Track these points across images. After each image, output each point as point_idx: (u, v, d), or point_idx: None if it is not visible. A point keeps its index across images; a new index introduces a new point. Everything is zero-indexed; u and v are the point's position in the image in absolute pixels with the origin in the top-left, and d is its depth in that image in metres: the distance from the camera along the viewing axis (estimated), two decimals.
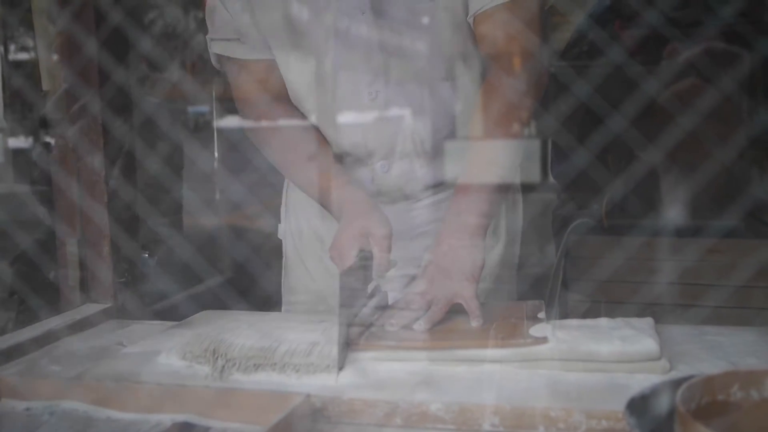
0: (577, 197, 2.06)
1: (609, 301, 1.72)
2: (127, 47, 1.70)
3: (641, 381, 1.02)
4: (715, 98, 1.77)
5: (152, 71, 2.87)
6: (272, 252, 1.77)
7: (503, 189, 1.40)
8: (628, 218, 1.86)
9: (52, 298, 1.61)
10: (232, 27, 1.44)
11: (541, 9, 1.35)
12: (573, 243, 1.97)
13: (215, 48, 1.48)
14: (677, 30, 1.94)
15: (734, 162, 1.76)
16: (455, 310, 1.23)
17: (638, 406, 0.80)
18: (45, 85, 1.71)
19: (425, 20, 1.35)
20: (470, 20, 1.34)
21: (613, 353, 1.07)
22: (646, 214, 1.81)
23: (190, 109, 3.73)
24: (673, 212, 1.80)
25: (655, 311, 1.27)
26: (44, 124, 1.85)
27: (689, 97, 1.86)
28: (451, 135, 1.44)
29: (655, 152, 1.88)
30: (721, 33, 1.90)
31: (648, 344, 1.08)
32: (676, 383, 0.82)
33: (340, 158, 1.46)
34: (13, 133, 3.03)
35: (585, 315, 1.68)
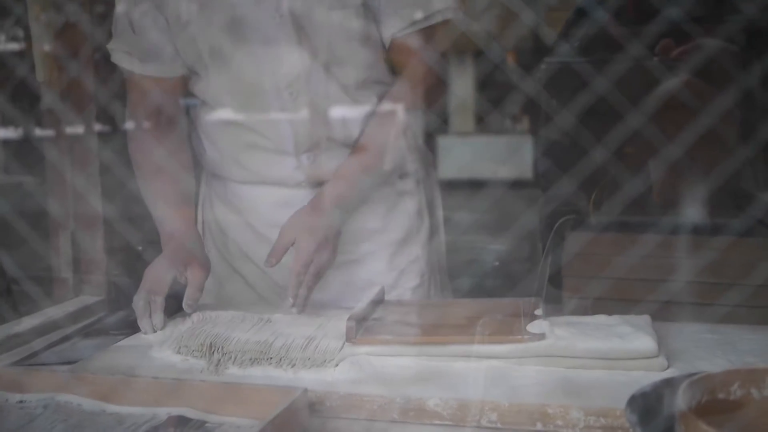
0: (564, 193, 2.06)
1: (597, 297, 1.71)
2: None
3: (639, 378, 1.02)
4: (708, 95, 1.77)
5: None
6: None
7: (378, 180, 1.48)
8: (616, 214, 1.86)
9: (45, 290, 1.60)
10: (132, 41, 1.46)
11: (446, 35, 1.45)
12: (559, 239, 1.97)
13: (114, 58, 1.50)
14: (670, 24, 1.93)
15: (725, 157, 1.76)
16: (451, 305, 1.23)
17: (639, 403, 0.80)
18: (39, 76, 1.70)
19: (339, 28, 1.40)
20: (386, 41, 1.44)
21: (611, 350, 1.07)
22: (635, 210, 1.81)
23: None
24: (665, 209, 1.79)
25: (646, 308, 1.27)
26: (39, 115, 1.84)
27: (682, 94, 1.85)
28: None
29: (645, 148, 1.88)
30: (716, 29, 1.91)
31: (646, 342, 1.08)
32: (676, 381, 0.82)
33: (259, 150, 1.48)
34: (4, 123, 3.01)
35: (573, 312, 1.68)
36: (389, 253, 1.54)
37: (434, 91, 1.46)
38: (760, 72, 1.80)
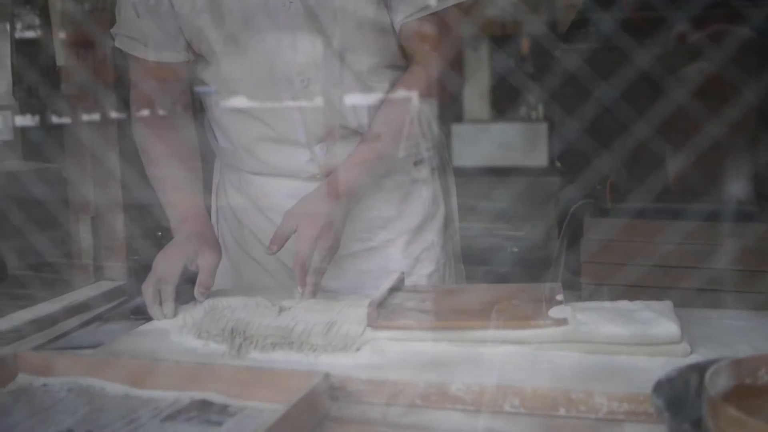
0: (581, 179, 2.05)
1: (613, 283, 1.71)
2: None
3: (662, 364, 1.01)
4: (722, 80, 1.76)
5: None
6: None
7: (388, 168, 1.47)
8: (632, 200, 1.85)
9: (66, 275, 1.61)
10: (136, 26, 1.45)
11: (459, 20, 1.42)
12: (575, 225, 1.96)
13: (118, 43, 1.49)
14: (684, 11, 1.92)
15: (740, 142, 1.75)
16: (471, 290, 1.22)
17: (665, 388, 0.80)
18: (59, 60, 1.70)
19: (350, 12, 1.37)
20: (396, 27, 1.41)
21: (634, 336, 1.07)
22: (651, 195, 1.80)
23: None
24: (679, 194, 1.78)
25: (662, 293, 1.26)
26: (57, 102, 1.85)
27: (697, 80, 1.84)
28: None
29: (659, 134, 1.87)
30: (728, 13, 1.89)
31: (669, 327, 1.07)
32: (702, 367, 0.82)
33: (273, 141, 1.47)
34: (22, 111, 3.02)
35: (591, 297, 1.68)
36: (405, 240, 1.53)
37: (448, 77, 1.44)
38: None
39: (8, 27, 3.00)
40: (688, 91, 1.75)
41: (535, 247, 2.69)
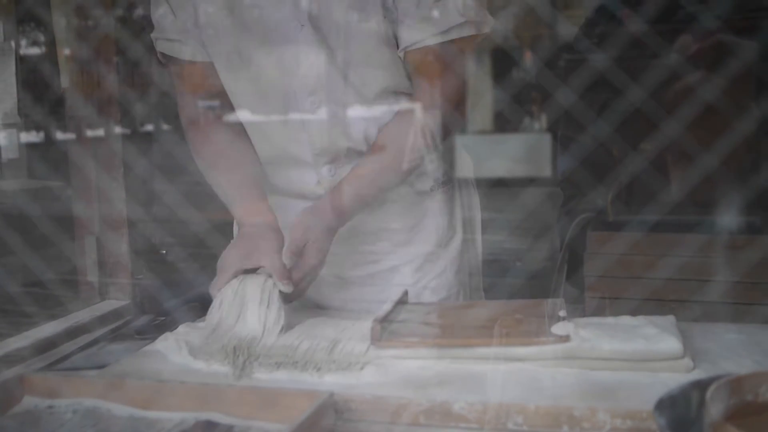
0: (583, 192, 2.06)
1: (613, 297, 1.71)
2: (141, 32, 1.70)
3: (665, 379, 1.02)
4: (724, 91, 1.76)
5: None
6: None
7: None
8: (634, 213, 1.86)
9: (71, 293, 1.62)
10: (176, 27, 1.44)
11: (466, 49, 1.39)
12: (578, 239, 1.97)
13: (159, 47, 1.48)
14: (686, 22, 1.93)
15: (746, 154, 1.75)
16: (475, 307, 1.23)
17: (667, 406, 0.80)
18: (64, 82, 1.71)
19: (361, 37, 1.37)
20: (400, 54, 1.39)
21: (637, 352, 1.07)
22: (653, 208, 1.80)
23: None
24: (681, 206, 1.78)
25: (664, 307, 1.27)
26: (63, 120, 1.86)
27: (699, 89, 1.85)
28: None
29: (662, 146, 1.87)
30: (729, 25, 1.90)
31: (671, 343, 1.07)
32: (704, 383, 0.82)
33: (282, 162, 1.47)
34: (27, 128, 3.03)
35: (595, 311, 1.68)
36: (414, 266, 1.52)
37: (446, 113, 1.41)
38: None
39: (14, 45, 3.02)
40: (691, 104, 1.76)
41: (540, 260, 2.69)
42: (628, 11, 1.96)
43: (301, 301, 1.36)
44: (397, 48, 1.38)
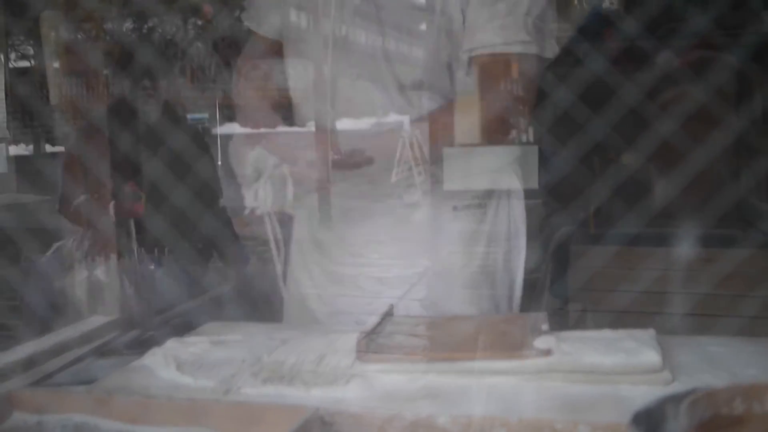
0: (565, 205, 2.08)
1: (600, 310, 1.73)
2: (130, 57, 1.72)
3: (644, 392, 1.04)
4: (703, 105, 1.80)
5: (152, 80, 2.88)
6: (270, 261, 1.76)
7: None
8: (616, 226, 1.88)
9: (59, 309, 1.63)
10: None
11: (537, 67, 1.43)
12: (560, 250, 1.99)
13: (247, 23, 1.57)
14: (665, 40, 1.96)
15: (723, 168, 1.78)
16: (459, 321, 1.24)
17: (643, 420, 0.82)
18: (53, 99, 1.73)
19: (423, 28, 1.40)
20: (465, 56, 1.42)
21: (617, 365, 1.09)
22: (634, 221, 1.83)
23: (189, 116, 3.75)
24: (663, 220, 1.81)
25: (649, 318, 1.29)
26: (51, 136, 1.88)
27: (678, 104, 1.88)
28: (449, 142, 1.47)
29: (643, 159, 1.90)
30: (707, 42, 1.94)
31: (650, 356, 1.09)
32: (679, 397, 0.84)
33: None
34: (16, 142, 3.04)
35: (572, 324, 1.70)
36: (398, 264, 1.55)
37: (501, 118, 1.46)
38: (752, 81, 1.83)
39: (3, 60, 3.03)
40: (672, 119, 1.79)
41: (528, 271, 2.71)
42: (610, 30, 1.99)
43: (290, 314, 1.39)
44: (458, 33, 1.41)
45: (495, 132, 1.44)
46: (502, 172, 1.57)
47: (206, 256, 2.27)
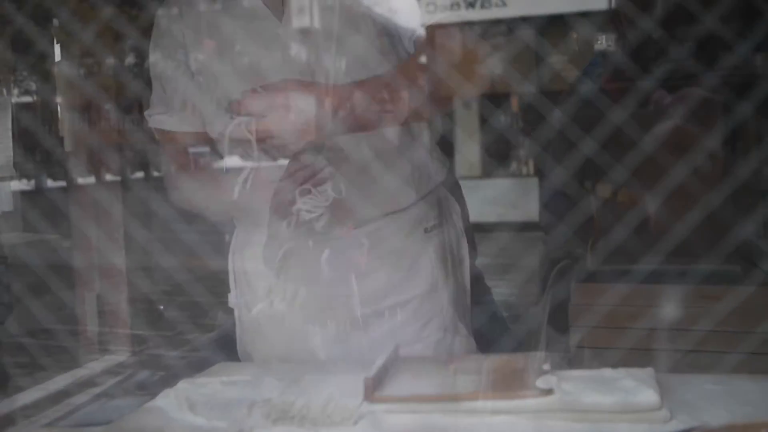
0: (565, 241, 2.12)
1: (595, 347, 1.76)
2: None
3: (644, 431, 1.07)
4: (698, 141, 1.85)
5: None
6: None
7: None
8: (615, 262, 1.92)
9: (72, 344, 1.65)
10: (166, 101, 1.54)
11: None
12: (559, 285, 2.02)
13: (152, 123, 1.57)
14: (661, 80, 2.02)
15: (720, 204, 1.83)
16: (464, 361, 1.27)
17: None
18: (68, 146, 1.77)
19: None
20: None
21: (616, 404, 1.12)
22: (634, 258, 1.86)
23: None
24: (663, 256, 1.84)
25: (643, 359, 1.32)
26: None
27: (672, 140, 1.93)
28: None
29: (642, 196, 1.94)
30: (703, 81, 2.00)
31: (649, 395, 1.13)
32: None
33: None
34: (21, 180, 3.08)
35: (578, 362, 1.73)
36: (412, 307, 1.58)
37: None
38: (741, 118, 1.88)
39: (9, 98, 3.09)
40: (671, 154, 1.83)
41: (526, 304, 2.74)
42: (607, 77, 2.06)
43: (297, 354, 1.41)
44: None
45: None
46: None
47: None
